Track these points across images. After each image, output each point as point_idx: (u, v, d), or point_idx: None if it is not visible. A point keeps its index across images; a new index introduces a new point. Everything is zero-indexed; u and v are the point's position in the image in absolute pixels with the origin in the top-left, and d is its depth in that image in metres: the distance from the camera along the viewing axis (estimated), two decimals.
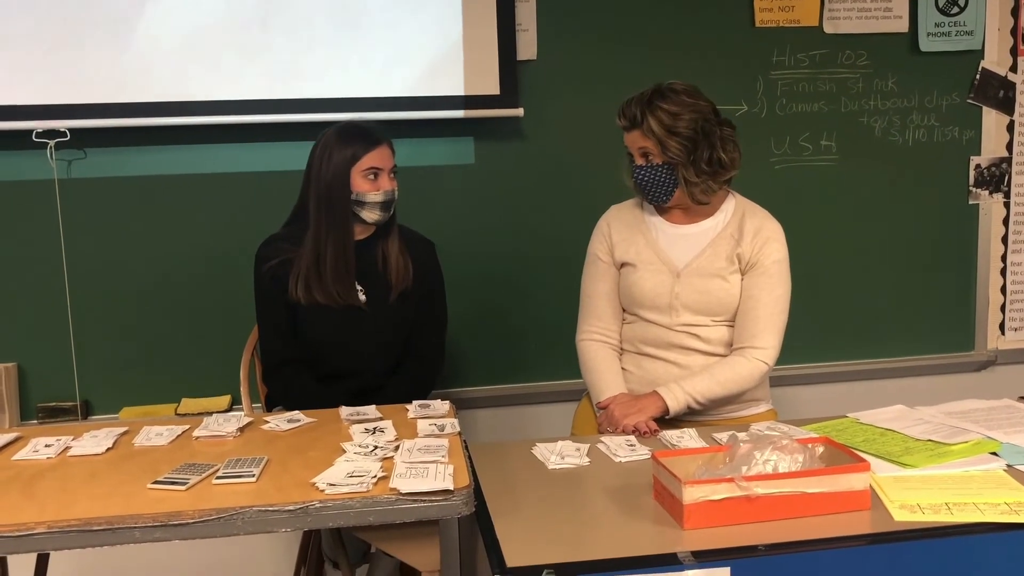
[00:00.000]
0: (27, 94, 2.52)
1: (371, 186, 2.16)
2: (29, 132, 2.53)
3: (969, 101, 3.04)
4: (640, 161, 2.08)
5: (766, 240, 2.09)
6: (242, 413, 1.99)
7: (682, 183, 2.05)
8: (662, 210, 2.17)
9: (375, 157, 2.16)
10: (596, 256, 2.21)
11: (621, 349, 2.20)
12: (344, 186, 2.15)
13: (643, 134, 2.05)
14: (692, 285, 2.08)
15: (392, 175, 2.20)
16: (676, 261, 2.11)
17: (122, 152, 2.64)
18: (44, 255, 2.62)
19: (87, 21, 2.53)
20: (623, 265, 2.17)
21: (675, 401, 2.00)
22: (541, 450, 1.80)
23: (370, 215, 2.18)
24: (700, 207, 2.12)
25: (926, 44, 2.97)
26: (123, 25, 2.54)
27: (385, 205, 2.18)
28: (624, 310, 2.20)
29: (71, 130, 2.55)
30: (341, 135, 2.18)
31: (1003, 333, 3.17)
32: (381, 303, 2.23)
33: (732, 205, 2.16)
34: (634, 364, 2.16)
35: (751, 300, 2.07)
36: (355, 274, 2.21)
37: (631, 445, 1.81)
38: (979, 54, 3.02)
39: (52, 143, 2.56)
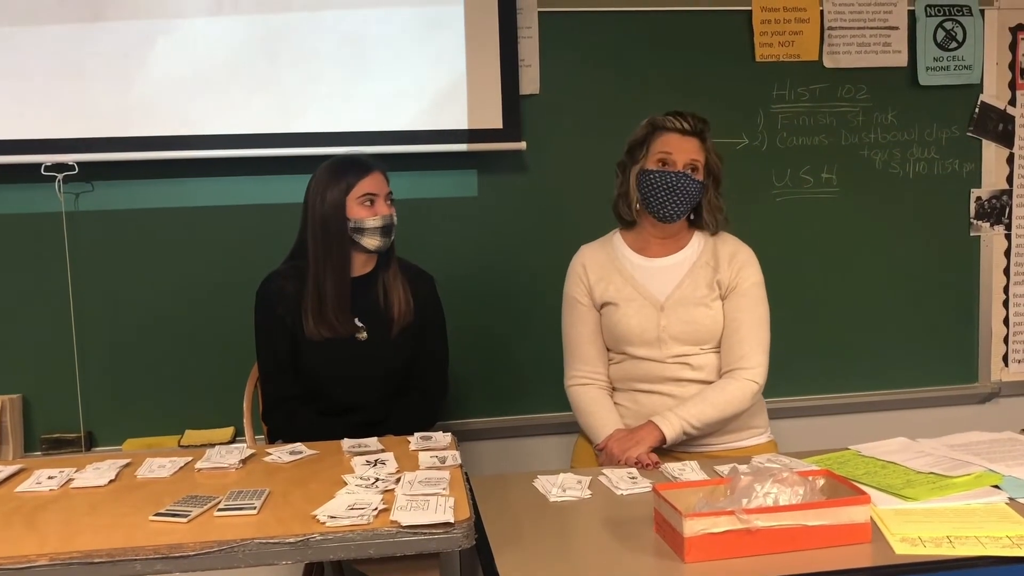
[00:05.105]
0: (36, 128, 2.55)
1: (368, 212, 2.16)
2: (38, 166, 2.56)
3: (969, 134, 3.06)
4: (684, 169, 2.09)
5: (742, 264, 2.14)
6: (244, 445, 1.99)
7: (706, 205, 2.14)
8: (635, 245, 2.19)
9: (369, 183, 2.17)
10: (574, 299, 2.20)
11: (612, 388, 2.20)
12: (340, 218, 2.15)
13: (702, 145, 2.12)
14: (677, 316, 2.10)
15: (389, 202, 2.20)
16: (657, 294, 2.13)
17: (129, 185, 2.67)
18: (51, 287, 2.64)
19: (95, 56, 2.56)
20: (604, 305, 2.16)
21: (671, 428, 1.99)
22: (542, 482, 1.80)
23: (371, 242, 2.17)
24: (672, 240, 2.17)
25: (925, 78, 3.00)
26: (131, 59, 2.58)
27: (385, 230, 2.18)
28: (610, 349, 2.19)
29: (79, 163, 2.58)
30: (333, 168, 2.19)
31: (1006, 365, 3.16)
32: (382, 338, 2.22)
33: (702, 235, 2.20)
34: (628, 399, 2.16)
35: (735, 323, 2.10)
36: (356, 309, 2.20)
37: (632, 478, 1.81)
38: (978, 88, 3.05)
39: (60, 176, 2.59)
